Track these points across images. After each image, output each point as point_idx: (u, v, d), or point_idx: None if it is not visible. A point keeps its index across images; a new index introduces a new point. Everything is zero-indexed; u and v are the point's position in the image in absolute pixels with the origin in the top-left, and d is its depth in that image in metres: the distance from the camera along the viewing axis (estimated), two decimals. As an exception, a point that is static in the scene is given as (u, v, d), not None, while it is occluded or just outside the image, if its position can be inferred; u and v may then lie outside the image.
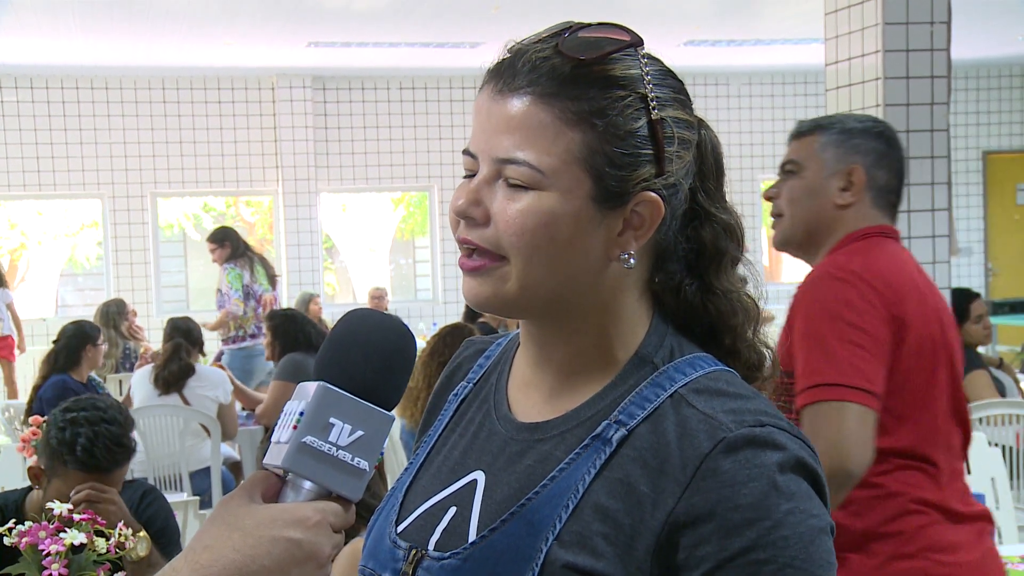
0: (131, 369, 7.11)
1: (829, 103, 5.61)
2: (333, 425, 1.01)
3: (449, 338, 4.66)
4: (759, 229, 12.28)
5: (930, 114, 5.22)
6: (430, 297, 11.90)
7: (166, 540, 2.42)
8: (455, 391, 1.27)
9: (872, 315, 2.14)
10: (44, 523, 2.12)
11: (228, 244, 8.10)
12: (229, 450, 6.13)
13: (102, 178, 10.86)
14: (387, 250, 13.23)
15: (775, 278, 13.30)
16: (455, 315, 8.21)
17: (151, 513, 2.64)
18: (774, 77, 12.21)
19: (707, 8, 8.69)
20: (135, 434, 5.53)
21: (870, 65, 5.25)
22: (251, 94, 11.20)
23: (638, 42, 1.09)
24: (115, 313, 7.63)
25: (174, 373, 5.72)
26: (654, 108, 1.07)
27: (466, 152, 1.11)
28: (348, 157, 11.40)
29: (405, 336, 1.09)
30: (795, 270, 13.54)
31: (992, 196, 12.61)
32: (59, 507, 2.14)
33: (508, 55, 1.10)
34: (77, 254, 12.16)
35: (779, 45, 10.31)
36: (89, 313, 8.27)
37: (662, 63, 1.12)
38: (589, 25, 1.09)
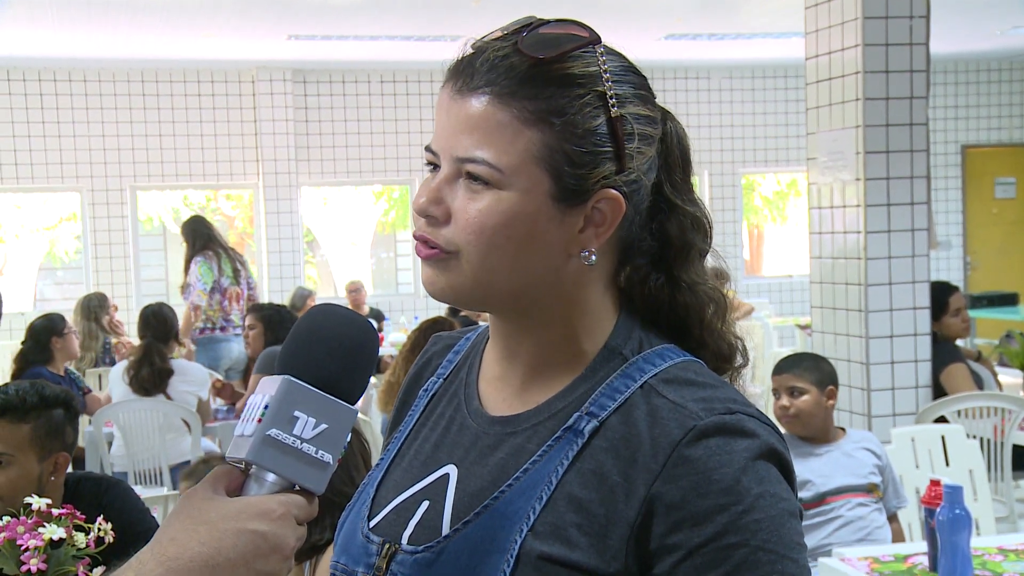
0: (111, 363, 7.07)
1: (809, 97, 5.63)
2: (298, 418, 1.01)
3: (430, 332, 4.65)
4: (740, 223, 12.31)
5: (909, 108, 5.25)
6: (411, 291, 11.88)
7: (131, 535, 2.40)
8: (425, 386, 1.27)
9: None
10: (23, 518, 2.10)
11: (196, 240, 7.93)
12: (210, 444, 6.10)
13: (81, 171, 10.79)
14: (368, 244, 13.20)
15: (756, 272, 13.34)
16: (436, 309, 8.19)
17: (106, 504, 2.62)
18: (755, 71, 12.23)
19: (688, 2, 8.69)
20: (114, 428, 5.55)
21: (850, 59, 5.27)
22: (231, 87, 11.14)
23: (596, 39, 1.09)
24: (96, 307, 7.57)
25: (147, 378, 5.67)
26: (613, 105, 1.07)
27: (428, 148, 1.12)
28: (329, 151, 11.36)
29: (369, 332, 1.09)
30: (776, 264, 13.59)
31: (971, 190, 12.67)
32: (37, 502, 2.13)
33: (468, 52, 1.10)
34: (56, 248, 12.08)
35: (760, 39, 10.33)
36: (68, 307, 8.21)
37: (624, 58, 1.12)
38: (549, 22, 1.09)
